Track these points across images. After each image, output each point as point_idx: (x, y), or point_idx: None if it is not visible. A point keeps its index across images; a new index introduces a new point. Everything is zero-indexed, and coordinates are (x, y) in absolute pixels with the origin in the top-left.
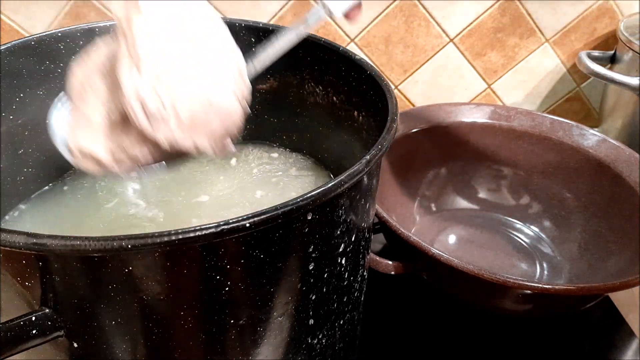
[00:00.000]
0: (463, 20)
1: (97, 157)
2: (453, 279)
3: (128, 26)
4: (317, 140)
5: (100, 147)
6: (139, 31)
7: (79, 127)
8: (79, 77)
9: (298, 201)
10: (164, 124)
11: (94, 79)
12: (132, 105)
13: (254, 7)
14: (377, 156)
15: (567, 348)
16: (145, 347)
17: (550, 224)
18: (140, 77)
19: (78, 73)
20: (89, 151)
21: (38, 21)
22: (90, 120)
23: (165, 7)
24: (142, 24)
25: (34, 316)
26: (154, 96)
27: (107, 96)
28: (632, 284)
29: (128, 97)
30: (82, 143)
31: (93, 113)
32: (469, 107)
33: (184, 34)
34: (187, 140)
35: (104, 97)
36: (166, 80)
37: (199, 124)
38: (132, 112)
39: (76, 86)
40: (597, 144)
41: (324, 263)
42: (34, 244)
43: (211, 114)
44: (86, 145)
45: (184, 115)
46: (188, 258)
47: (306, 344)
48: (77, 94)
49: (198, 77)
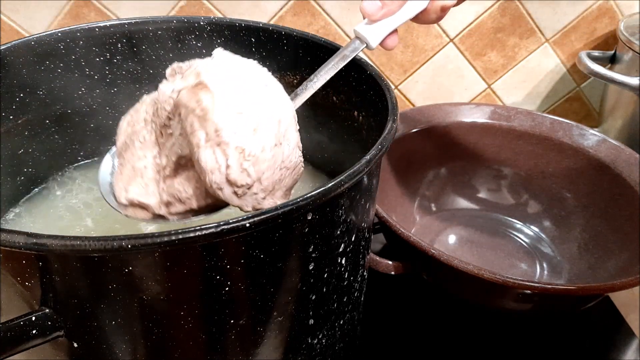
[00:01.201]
0: (463, 20)
1: (149, 207)
2: (453, 279)
3: (204, 114)
4: (317, 140)
5: (152, 198)
6: (218, 116)
7: (129, 179)
8: (127, 132)
9: (298, 201)
10: (251, 195)
11: (142, 132)
12: (223, 188)
13: (254, 7)
14: (377, 156)
15: (567, 348)
16: (145, 347)
17: (550, 224)
18: (226, 159)
19: (125, 128)
20: (140, 202)
21: (38, 21)
22: (140, 171)
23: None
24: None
25: (34, 316)
26: (243, 175)
27: (156, 148)
28: (632, 284)
29: (217, 181)
30: (132, 195)
31: (142, 165)
32: (469, 107)
33: (251, 100)
34: (270, 203)
35: (153, 149)
36: (249, 153)
37: (278, 185)
38: (221, 193)
39: (124, 141)
40: (597, 144)
41: (324, 263)
42: (34, 244)
43: (285, 172)
44: (137, 197)
45: (267, 183)
46: (188, 258)
47: (306, 344)
48: (125, 147)
49: (271, 139)
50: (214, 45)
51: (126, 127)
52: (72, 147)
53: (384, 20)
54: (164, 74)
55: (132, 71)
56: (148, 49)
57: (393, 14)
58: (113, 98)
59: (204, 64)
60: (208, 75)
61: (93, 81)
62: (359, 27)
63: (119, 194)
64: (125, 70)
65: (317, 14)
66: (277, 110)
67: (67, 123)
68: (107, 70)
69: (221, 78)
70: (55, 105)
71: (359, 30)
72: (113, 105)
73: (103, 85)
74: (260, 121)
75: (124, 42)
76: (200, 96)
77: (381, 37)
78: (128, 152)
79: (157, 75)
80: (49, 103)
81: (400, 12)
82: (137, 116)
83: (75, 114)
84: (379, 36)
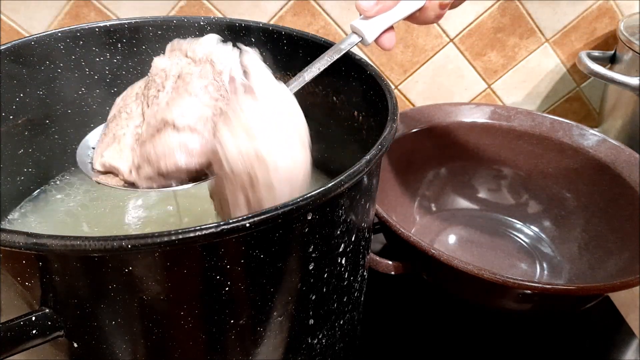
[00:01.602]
0: (463, 20)
1: (120, 171)
2: (453, 279)
3: (254, 187)
4: (317, 140)
5: (124, 162)
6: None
7: (107, 145)
8: (118, 105)
9: (298, 201)
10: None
11: (131, 105)
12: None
13: (254, 7)
14: (377, 156)
15: (567, 348)
16: (145, 347)
17: (550, 224)
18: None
19: (118, 102)
20: (111, 165)
21: (38, 21)
22: (119, 138)
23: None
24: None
25: (34, 316)
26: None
27: (140, 118)
28: (632, 284)
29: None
30: (105, 159)
31: (123, 132)
32: (469, 107)
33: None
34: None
35: (137, 119)
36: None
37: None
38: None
39: (114, 113)
40: (597, 144)
41: (324, 263)
42: (34, 244)
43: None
44: (109, 161)
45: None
46: (188, 258)
47: (306, 344)
48: (113, 118)
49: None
50: None
51: (119, 101)
52: (72, 147)
53: (380, 16)
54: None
55: (132, 71)
56: (148, 49)
57: (388, 10)
58: (113, 98)
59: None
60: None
61: (93, 81)
62: (355, 22)
63: (95, 159)
64: (125, 70)
65: (317, 14)
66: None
67: (67, 123)
68: (107, 70)
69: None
70: (55, 105)
71: (355, 25)
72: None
73: (103, 85)
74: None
75: (124, 42)
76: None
77: (377, 32)
78: (114, 122)
79: None
80: (49, 103)
81: (396, 9)
82: (131, 91)
83: (75, 114)
84: (375, 32)
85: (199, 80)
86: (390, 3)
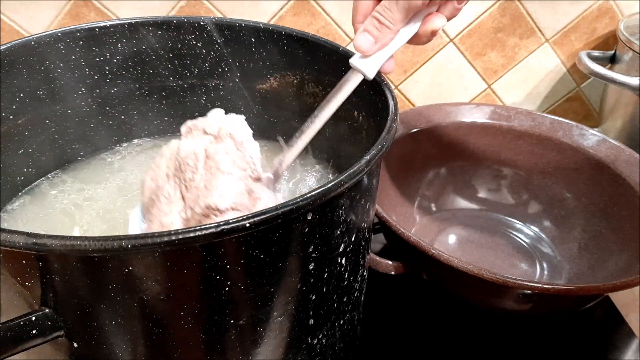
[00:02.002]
0: (463, 20)
1: None
2: (453, 279)
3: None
4: (317, 140)
5: None
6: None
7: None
8: (151, 188)
9: (298, 201)
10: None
11: (165, 187)
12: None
13: (254, 7)
14: (377, 156)
15: (567, 348)
16: (145, 347)
17: (550, 224)
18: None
19: (149, 184)
20: None
21: (38, 21)
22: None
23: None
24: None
25: (34, 316)
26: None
27: (181, 202)
28: (632, 284)
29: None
30: None
31: (170, 220)
32: (469, 107)
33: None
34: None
35: (178, 204)
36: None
37: None
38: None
39: (149, 197)
40: (597, 144)
41: (324, 263)
42: (34, 244)
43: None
44: None
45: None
46: (188, 258)
47: (306, 344)
48: (151, 203)
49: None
50: (214, 45)
51: (150, 183)
52: (72, 147)
53: (379, 52)
54: (165, 74)
55: (132, 71)
56: (148, 49)
57: (387, 45)
58: (113, 98)
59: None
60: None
61: (93, 81)
62: (354, 60)
63: None
64: (125, 70)
65: (317, 14)
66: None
67: (67, 123)
68: (107, 70)
69: None
70: (55, 105)
71: (355, 64)
72: (113, 105)
73: (103, 85)
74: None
75: (124, 42)
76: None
77: (378, 67)
78: (155, 208)
79: (157, 75)
80: (49, 103)
81: (393, 41)
82: (160, 172)
83: (75, 114)
84: (376, 67)
85: (226, 157)
86: (388, 39)
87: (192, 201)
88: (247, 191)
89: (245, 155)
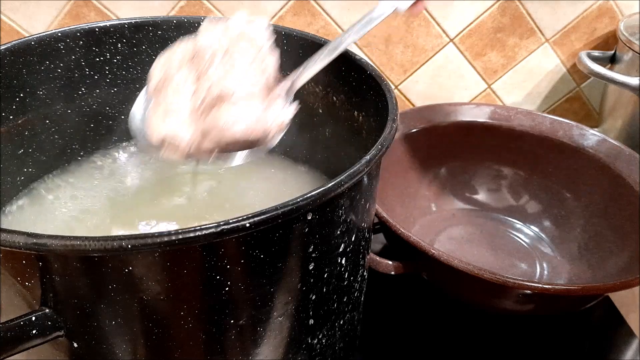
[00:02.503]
0: (463, 20)
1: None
2: (453, 279)
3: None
4: (317, 140)
5: (186, 134)
6: None
7: (164, 116)
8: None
9: (298, 201)
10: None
11: (176, 75)
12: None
13: (254, 7)
14: (377, 156)
15: (567, 348)
16: (145, 347)
17: (550, 224)
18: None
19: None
20: (175, 136)
21: (38, 21)
22: (173, 112)
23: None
24: None
25: (34, 316)
26: None
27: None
28: (632, 284)
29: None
30: (167, 130)
31: (177, 106)
32: (469, 107)
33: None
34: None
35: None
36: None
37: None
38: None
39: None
40: (597, 144)
41: (324, 263)
42: (34, 244)
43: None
44: (172, 132)
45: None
46: (188, 258)
47: (306, 344)
48: (159, 88)
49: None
50: None
51: (158, 71)
52: (72, 147)
53: None
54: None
55: (132, 71)
56: (148, 49)
57: None
58: (113, 98)
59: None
60: None
61: (93, 81)
62: None
63: (154, 128)
64: (125, 70)
65: (317, 14)
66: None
67: (67, 123)
68: (107, 70)
69: None
70: (55, 105)
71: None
72: (113, 105)
73: (103, 85)
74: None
75: (124, 42)
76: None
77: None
78: (162, 93)
79: None
80: (49, 103)
81: None
82: (171, 60)
83: (75, 114)
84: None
85: (244, 57)
86: None
87: (203, 91)
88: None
89: (265, 60)
